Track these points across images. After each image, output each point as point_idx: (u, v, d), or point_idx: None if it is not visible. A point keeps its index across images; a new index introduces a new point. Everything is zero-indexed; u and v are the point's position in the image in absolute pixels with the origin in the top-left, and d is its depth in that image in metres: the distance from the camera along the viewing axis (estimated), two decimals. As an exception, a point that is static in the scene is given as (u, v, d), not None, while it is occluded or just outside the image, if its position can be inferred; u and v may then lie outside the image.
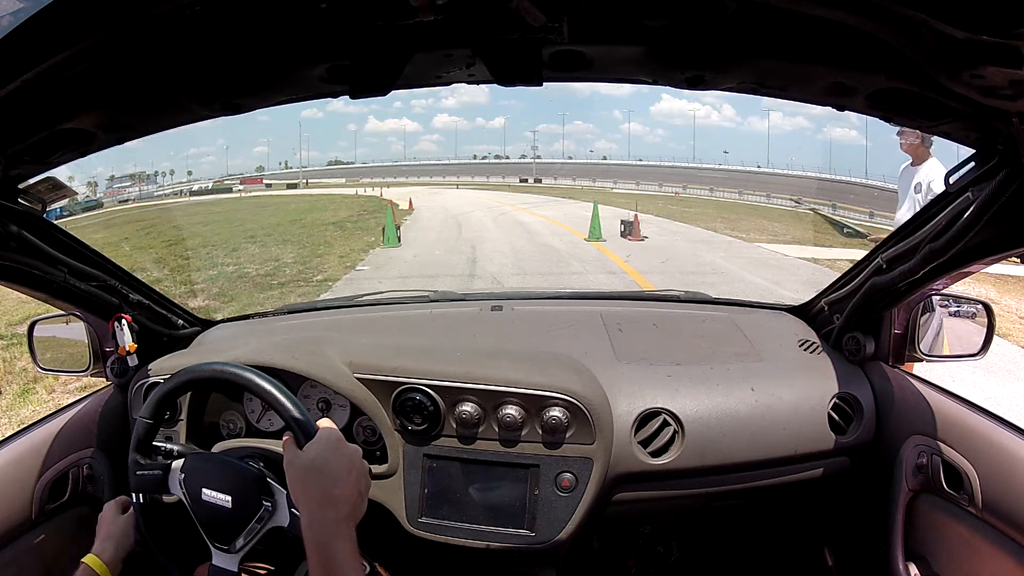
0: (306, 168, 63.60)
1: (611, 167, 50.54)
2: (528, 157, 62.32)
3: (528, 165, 55.75)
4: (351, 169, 61.93)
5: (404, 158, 67.76)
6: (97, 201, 39.92)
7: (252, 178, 46.69)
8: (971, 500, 1.02)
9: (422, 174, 56.05)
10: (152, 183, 49.23)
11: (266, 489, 0.92)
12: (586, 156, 62.90)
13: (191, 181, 49.16)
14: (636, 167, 50.44)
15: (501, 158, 65.19)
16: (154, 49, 0.66)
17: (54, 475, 1.18)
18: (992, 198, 0.83)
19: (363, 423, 1.22)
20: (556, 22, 0.70)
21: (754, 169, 44.06)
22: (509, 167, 56.62)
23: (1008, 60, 0.53)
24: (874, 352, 1.28)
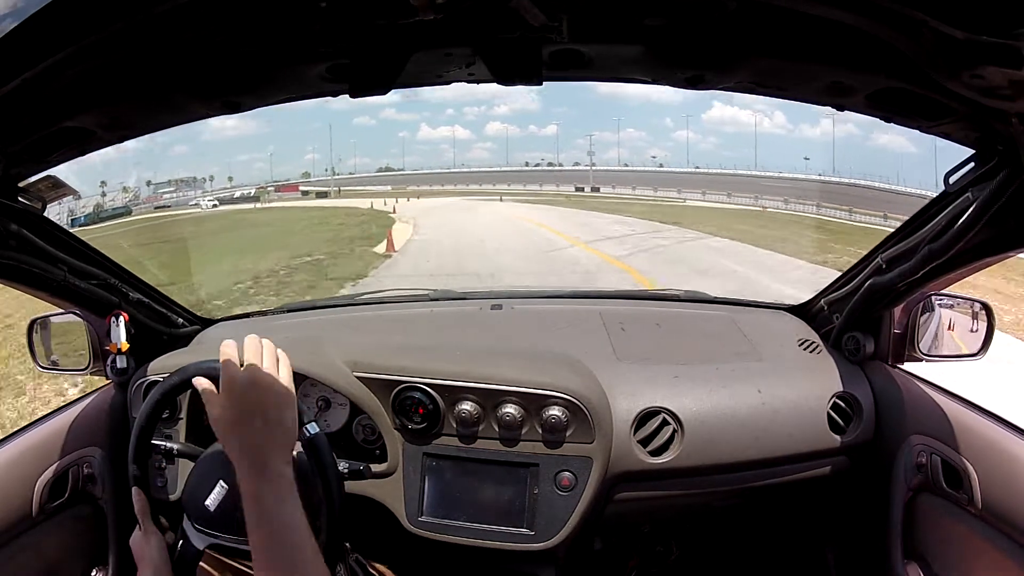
0: (355, 175, 61.99)
1: (671, 175, 46.23)
2: (582, 164, 58.80)
3: (584, 172, 51.91)
4: (399, 176, 59.56)
5: (455, 165, 64.88)
6: (126, 208, 39.47)
7: (287, 185, 45.82)
8: (971, 500, 1.02)
9: (471, 181, 52.49)
10: (194, 188, 48.57)
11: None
12: (642, 163, 57.83)
13: (233, 187, 48.10)
14: (697, 175, 46.25)
15: (554, 165, 61.65)
16: (154, 47, 0.66)
17: (54, 474, 1.18)
18: (992, 198, 0.83)
19: (363, 422, 1.22)
20: (556, 21, 0.70)
21: (831, 179, 39.25)
22: (563, 175, 52.76)
23: (1008, 60, 0.53)
24: (874, 352, 1.28)
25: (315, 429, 0.96)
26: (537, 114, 75.51)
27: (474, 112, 76.97)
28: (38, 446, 1.19)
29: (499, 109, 73.90)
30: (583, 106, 72.66)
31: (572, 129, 69.45)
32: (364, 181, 57.26)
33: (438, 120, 77.59)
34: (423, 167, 64.59)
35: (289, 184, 46.82)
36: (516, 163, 65.38)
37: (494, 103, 75.41)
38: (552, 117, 72.69)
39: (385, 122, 69.41)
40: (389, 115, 71.29)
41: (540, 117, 73.57)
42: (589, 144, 55.67)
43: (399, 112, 75.85)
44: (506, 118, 73.21)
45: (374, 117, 79.42)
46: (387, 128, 71.89)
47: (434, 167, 62.94)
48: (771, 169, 43.65)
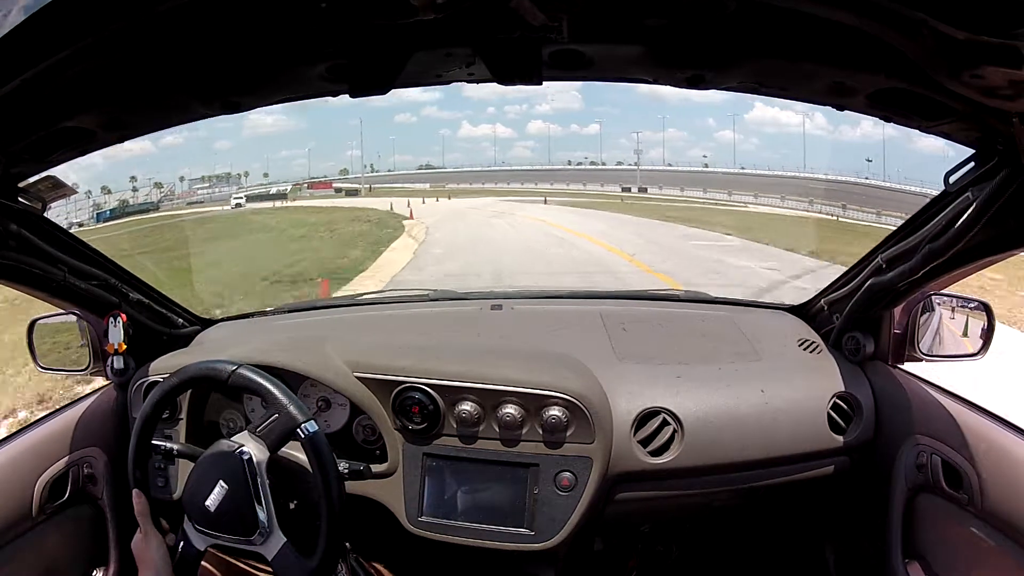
0: (394, 172, 59.31)
1: (720, 176, 42.68)
2: (624, 163, 55.23)
3: (630, 172, 47.74)
4: (439, 174, 56.10)
5: (496, 164, 61.19)
6: (153, 204, 38.80)
7: (321, 182, 44.09)
8: (971, 500, 1.02)
9: (512, 180, 49.28)
10: (230, 184, 47.66)
11: (252, 473, 0.96)
12: (687, 163, 53.42)
13: (268, 183, 47.05)
14: (746, 176, 42.31)
15: (597, 164, 58.04)
16: (154, 47, 0.66)
17: (54, 474, 1.18)
18: (992, 198, 0.83)
19: (363, 422, 1.22)
20: (555, 21, 0.70)
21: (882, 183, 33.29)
22: (608, 174, 48.80)
23: (1008, 60, 0.53)
24: (874, 352, 1.28)
25: (314, 428, 0.96)
26: (579, 113, 74.61)
27: (515, 110, 76.43)
28: (38, 446, 1.19)
29: (541, 108, 73.20)
30: (624, 106, 71.48)
31: (613, 128, 68.04)
32: (402, 178, 54.39)
33: (479, 118, 77.03)
34: (464, 165, 62.04)
35: (323, 181, 45.07)
36: (558, 162, 61.38)
37: (535, 101, 74.72)
38: (594, 116, 71.45)
39: (426, 119, 69.23)
40: (430, 113, 71.04)
41: (582, 116, 72.66)
42: (636, 142, 51.98)
43: (440, 110, 75.59)
44: (548, 117, 72.39)
45: (415, 114, 79.04)
46: (428, 125, 71.67)
47: (475, 165, 60.18)
48: (818, 171, 39.98)
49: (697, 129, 71.54)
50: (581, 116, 73.23)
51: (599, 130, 70.20)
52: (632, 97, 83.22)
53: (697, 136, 63.50)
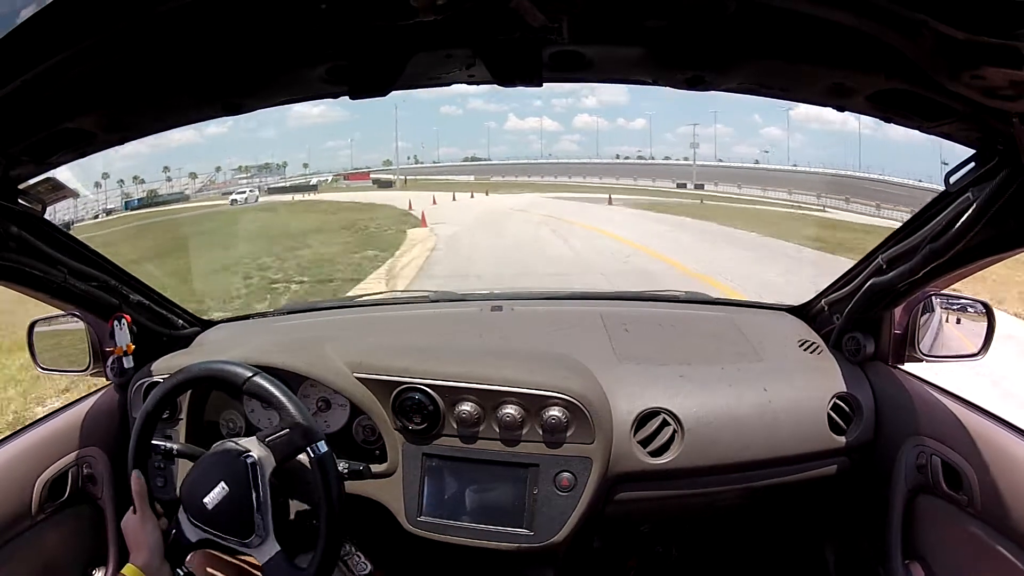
0: (439, 164, 56.81)
1: (779, 174, 37.90)
2: (672, 158, 51.08)
3: (684, 167, 43.34)
4: (484, 166, 53.74)
5: (542, 156, 58.48)
6: (181, 194, 37.64)
7: (358, 173, 42.41)
8: (971, 500, 1.02)
9: (559, 173, 46.15)
10: (272, 174, 46.39)
11: (255, 479, 0.95)
12: (738, 159, 50.33)
13: (308, 175, 45.69)
14: (804, 174, 37.71)
15: (644, 159, 53.86)
16: (154, 49, 0.66)
17: (54, 474, 1.18)
18: (992, 198, 0.83)
19: (363, 422, 1.22)
20: (556, 22, 0.70)
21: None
22: (659, 169, 44.84)
23: (1008, 60, 0.53)
24: (874, 352, 1.28)
25: (324, 448, 0.98)
26: (625, 107, 73.67)
27: (562, 104, 75.71)
28: (38, 446, 1.19)
29: (587, 101, 72.21)
30: (671, 100, 70.08)
31: (660, 123, 66.77)
32: (446, 170, 51.80)
33: (526, 111, 76.25)
34: (510, 157, 59.61)
35: (360, 172, 43.47)
36: (605, 156, 58.11)
37: (582, 95, 73.86)
38: (639, 111, 70.16)
39: (472, 112, 68.63)
40: (477, 105, 70.47)
41: (628, 110, 71.71)
42: (693, 135, 46.97)
43: (487, 102, 75.12)
44: (594, 110, 71.45)
45: (461, 107, 78.39)
46: (474, 118, 70.99)
47: (521, 157, 57.09)
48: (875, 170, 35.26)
49: (743, 125, 70.23)
50: (627, 110, 72.22)
51: (646, 125, 68.65)
52: (677, 92, 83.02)
53: (743, 133, 62.25)
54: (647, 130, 68.31)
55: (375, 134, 68.22)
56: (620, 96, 69.96)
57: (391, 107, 48.60)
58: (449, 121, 75.87)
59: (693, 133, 47.20)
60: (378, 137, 66.62)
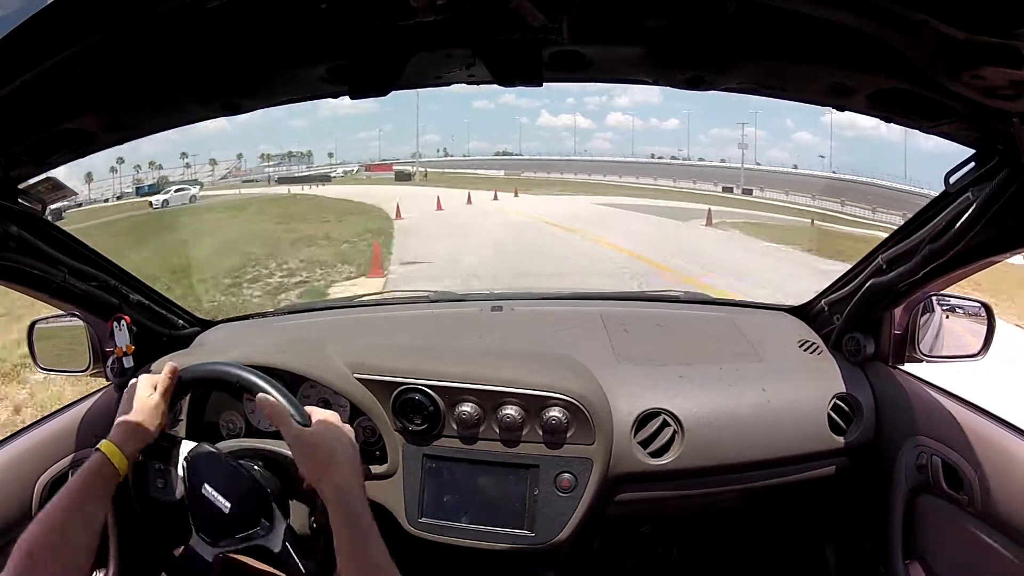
0: (469, 157, 54.69)
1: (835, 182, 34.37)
2: (706, 160, 49.00)
3: (729, 170, 40.18)
4: (514, 161, 51.24)
5: (575, 153, 56.27)
6: (197, 182, 36.24)
7: (379, 165, 40.86)
8: (971, 500, 1.02)
9: (592, 171, 43.38)
10: (299, 163, 44.83)
11: (267, 511, 0.93)
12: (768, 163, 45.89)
13: (333, 165, 44.20)
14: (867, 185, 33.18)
15: (676, 159, 51.26)
16: (154, 49, 0.66)
17: (54, 474, 1.18)
18: (992, 198, 0.83)
19: (363, 423, 1.22)
20: (556, 22, 0.70)
21: None
22: (703, 171, 41.46)
23: (1008, 60, 0.53)
24: (874, 352, 1.28)
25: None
26: (658, 107, 72.95)
27: (595, 102, 74.98)
28: (38, 447, 1.19)
29: (620, 100, 71.36)
30: (703, 103, 69.21)
31: (693, 124, 65.54)
32: (475, 164, 49.47)
33: (559, 108, 75.40)
34: (542, 153, 56.54)
35: (383, 164, 42.32)
36: (640, 155, 55.28)
37: (615, 94, 73.17)
38: (673, 111, 69.13)
39: (504, 107, 67.88)
40: (508, 100, 69.85)
41: (661, 110, 70.99)
42: (741, 135, 43.66)
43: (519, 98, 74.63)
44: (627, 109, 70.53)
45: (493, 101, 77.84)
46: (507, 113, 70.23)
47: (553, 154, 54.55)
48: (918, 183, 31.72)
49: (776, 129, 68.89)
50: (660, 110, 71.51)
51: (679, 125, 66.93)
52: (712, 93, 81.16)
53: (776, 136, 61.18)
54: (679, 130, 66.50)
55: (408, 126, 67.46)
56: (653, 96, 69.50)
57: (421, 100, 46.19)
58: (481, 115, 75.48)
59: (742, 133, 43.62)
60: (410, 129, 65.89)
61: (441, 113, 62.87)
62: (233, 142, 55.98)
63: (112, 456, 0.88)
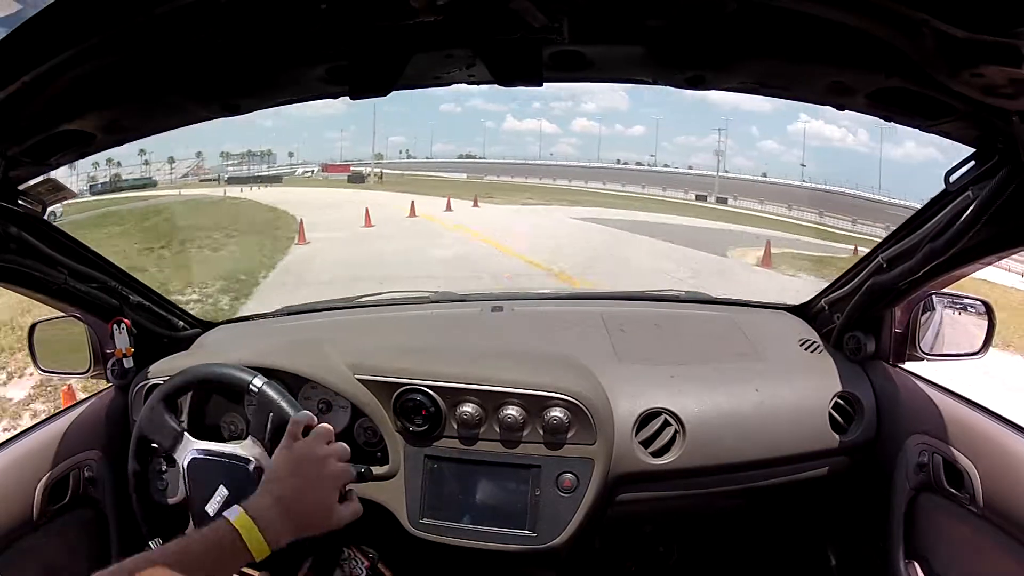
0: (432, 159, 53.47)
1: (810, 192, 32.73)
2: (672, 166, 47.76)
3: (701, 178, 38.55)
4: (479, 164, 49.54)
5: (540, 158, 54.68)
6: (150, 180, 36.26)
7: (337, 165, 40.16)
8: (972, 499, 1.02)
9: (558, 176, 42.03)
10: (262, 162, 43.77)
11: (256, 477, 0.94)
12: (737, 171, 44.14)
13: (294, 165, 43.29)
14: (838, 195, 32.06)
15: (643, 165, 50.45)
16: (154, 50, 0.66)
17: (55, 477, 1.17)
18: (992, 197, 0.83)
19: (364, 424, 1.22)
20: (556, 22, 0.70)
21: None
22: (674, 178, 39.42)
23: (1008, 59, 0.54)
24: (875, 351, 1.28)
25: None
26: (624, 114, 72.26)
27: (561, 107, 74.29)
28: (38, 449, 1.19)
29: (586, 106, 70.70)
30: (670, 109, 68.44)
31: (661, 131, 65.00)
32: (436, 166, 48.03)
33: (525, 112, 74.78)
34: (507, 157, 55.18)
35: (340, 164, 41.59)
36: (605, 160, 54.46)
37: (581, 99, 72.34)
38: (638, 118, 68.50)
39: (471, 110, 67.09)
40: (476, 104, 69.03)
41: (627, 117, 70.31)
42: (718, 142, 41.41)
43: (486, 102, 73.96)
44: (593, 115, 69.78)
45: (460, 105, 77.11)
46: (472, 116, 69.43)
47: (518, 158, 53.39)
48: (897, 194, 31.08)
49: (742, 137, 68.77)
50: (626, 116, 70.95)
51: (644, 131, 66.19)
52: (680, 101, 78.29)
53: (742, 144, 60.91)
54: (644, 136, 66.05)
55: (372, 127, 66.79)
56: (619, 102, 68.86)
57: (389, 102, 45.19)
58: (447, 118, 74.88)
59: (718, 140, 41.48)
60: (379, 131, 65.28)
61: (407, 115, 62.24)
62: (199, 139, 54.65)
63: (249, 540, 0.71)
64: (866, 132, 56.41)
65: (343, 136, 41.30)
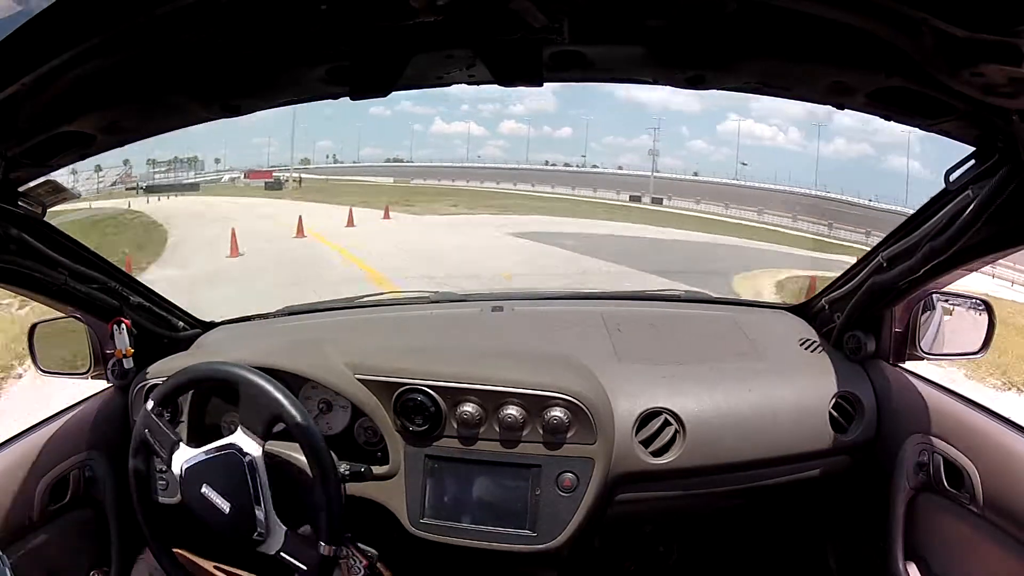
0: (359, 164, 52.91)
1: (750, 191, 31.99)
2: (600, 167, 45.77)
3: (634, 178, 36.98)
4: (405, 168, 48.03)
5: (468, 160, 52.30)
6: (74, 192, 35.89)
7: (259, 172, 39.53)
8: (972, 498, 1.02)
9: (486, 179, 40.54)
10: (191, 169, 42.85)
11: (252, 476, 0.94)
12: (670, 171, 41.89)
13: (220, 172, 42.19)
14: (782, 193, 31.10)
15: (570, 166, 48.38)
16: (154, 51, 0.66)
17: (55, 477, 1.17)
18: (992, 196, 0.83)
19: (364, 424, 1.22)
20: (556, 22, 0.70)
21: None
22: (605, 179, 38.25)
23: (1008, 58, 0.54)
24: (875, 350, 1.28)
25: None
26: (552, 115, 71.27)
27: (489, 109, 73.29)
28: (39, 449, 1.19)
29: (515, 108, 69.82)
30: (601, 110, 67.58)
31: (585, 133, 64.69)
32: (363, 171, 46.17)
33: (453, 115, 73.65)
34: (435, 160, 56.08)
35: (263, 171, 40.71)
36: (533, 162, 51.90)
37: (509, 101, 71.36)
38: (567, 119, 67.63)
39: (400, 114, 65.94)
40: (405, 108, 67.84)
41: (555, 118, 69.40)
42: (653, 141, 39.81)
43: (415, 105, 72.75)
44: (521, 117, 68.90)
45: (390, 108, 75.95)
46: (401, 120, 68.52)
47: (446, 161, 54.26)
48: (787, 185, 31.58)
49: (671, 137, 68.90)
50: (554, 118, 69.54)
51: (571, 133, 65.36)
52: (609, 101, 76.14)
53: (671, 144, 60.89)
54: (573, 138, 64.54)
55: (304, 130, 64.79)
56: (547, 104, 67.48)
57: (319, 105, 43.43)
58: (376, 121, 72.91)
59: (654, 138, 39.73)
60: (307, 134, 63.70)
61: (336, 119, 60.64)
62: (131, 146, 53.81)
63: None
64: (797, 130, 56.49)
65: (270, 142, 39.61)
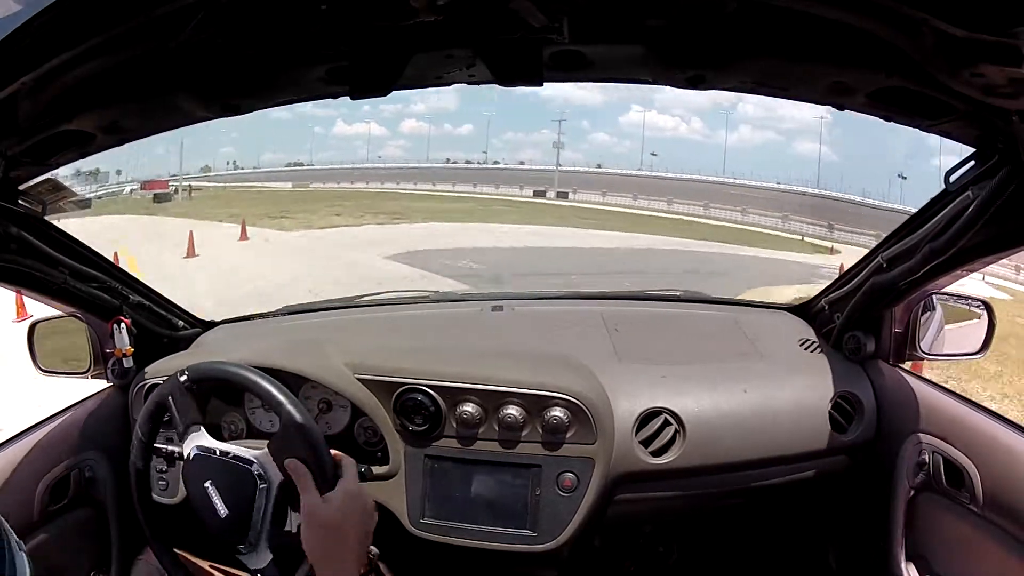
0: (259, 170, 53.10)
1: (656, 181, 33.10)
2: (502, 163, 46.44)
3: (539, 172, 37.54)
4: (304, 172, 47.24)
5: (368, 161, 52.07)
6: None
7: (156, 182, 38.58)
8: (972, 498, 1.02)
9: (387, 179, 40.25)
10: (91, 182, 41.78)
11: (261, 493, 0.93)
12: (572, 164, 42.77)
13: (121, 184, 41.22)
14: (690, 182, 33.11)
15: (472, 163, 48.61)
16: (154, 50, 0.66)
17: (55, 477, 1.17)
18: (992, 196, 0.83)
19: (364, 424, 1.22)
20: (556, 22, 0.70)
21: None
22: (508, 175, 38.59)
23: (1007, 58, 0.54)
24: (875, 351, 1.28)
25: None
26: (453, 113, 70.15)
27: (390, 109, 71.79)
28: (39, 449, 1.19)
29: (416, 107, 68.50)
30: (501, 106, 66.79)
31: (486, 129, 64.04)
32: (261, 177, 44.79)
33: (354, 116, 72.10)
34: (335, 162, 54.15)
35: (160, 181, 39.53)
36: (434, 161, 51.22)
37: (411, 101, 70.08)
38: (467, 116, 66.73)
39: (301, 116, 64.16)
40: (305, 110, 65.93)
41: (455, 116, 68.31)
42: (558, 132, 39.74)
43: (316, 107, 71.07)
44: (422, 116, 67.87)
45: (290, 111, 74.35)
46: (302, 123, 66.79)
47: (346, 162, 50.70)
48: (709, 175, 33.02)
49: (573, 131, 69.06)
50: (455, 116, 68.53)
51: (471, 130, 64.51)
52: (510, 97, 76.58)
53: (571, 137, 60.42)
54: (473, 135, 63.69)
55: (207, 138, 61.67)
56: (448, 102, 66.47)
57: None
58: (277, 126, 70.79)
59: (559, 130, 39.80)
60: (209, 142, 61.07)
61: (239, 123, 59.30)
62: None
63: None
64: (699, 120, 57.18)
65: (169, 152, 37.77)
